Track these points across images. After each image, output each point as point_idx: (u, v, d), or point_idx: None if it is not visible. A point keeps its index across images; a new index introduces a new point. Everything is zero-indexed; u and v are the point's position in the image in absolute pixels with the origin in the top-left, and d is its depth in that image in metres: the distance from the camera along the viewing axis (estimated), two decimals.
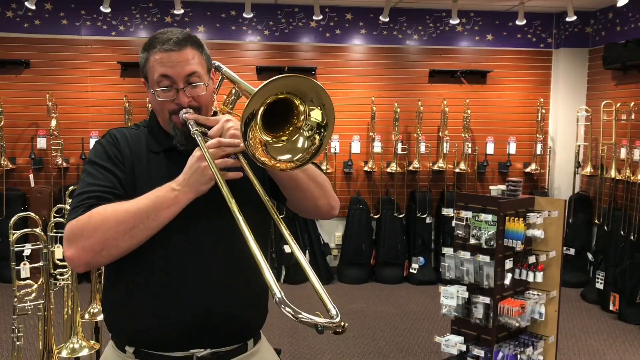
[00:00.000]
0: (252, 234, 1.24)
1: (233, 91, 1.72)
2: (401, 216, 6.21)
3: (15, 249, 2.87)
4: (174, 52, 1.49)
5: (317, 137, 1.34)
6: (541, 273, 3.07)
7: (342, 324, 1.16)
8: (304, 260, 1.27)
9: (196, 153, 1.45)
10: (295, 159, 1.35)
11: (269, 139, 1.34)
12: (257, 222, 1.44)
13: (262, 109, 1.28)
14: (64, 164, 5.89)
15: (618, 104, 5.64)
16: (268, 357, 1.69)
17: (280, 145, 1.35)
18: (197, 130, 1.47)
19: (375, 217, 6.25)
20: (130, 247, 1.43)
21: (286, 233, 1.34)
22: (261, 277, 1.52)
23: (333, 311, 1.17)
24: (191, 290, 1.50)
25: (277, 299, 1.13)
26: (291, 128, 1.36)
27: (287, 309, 1.12)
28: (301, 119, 1.34)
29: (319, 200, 1.60)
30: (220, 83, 1.77)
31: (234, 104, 1.74)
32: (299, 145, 1.35)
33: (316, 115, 1.33)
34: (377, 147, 6.24)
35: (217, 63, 1.72)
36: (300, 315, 1.12)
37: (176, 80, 1.50)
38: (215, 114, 1.66)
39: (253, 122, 1.28)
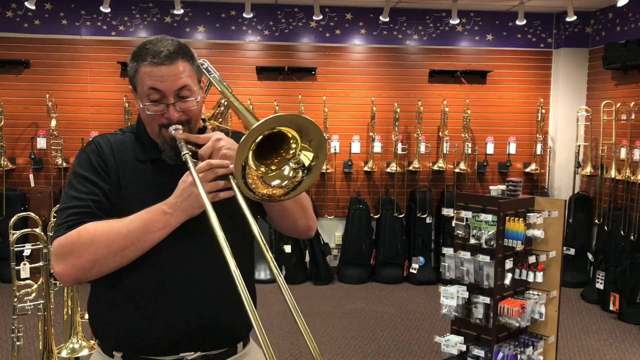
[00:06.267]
0: (238, 259, 1.23)
1: (223, 101, 1.69)
2: (401, 216, 6.21)
3: (15, 249, 2.87)
4: (165, 66, 1.45)
5: (300, 173, 1.37)
6: (541, 273, 3.07)
7: None
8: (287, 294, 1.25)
9: (188, 178, 1.43)
10: (283, 184, 1.37)
11: (264, 169, 1.36)
12: (243, 242, 1.45)
13: (259, 139, 1.28)
14: (64, 164, 5.89)
15: (618, 104, 5.64)
16: (258, 359, 1.69)
17: (273, 174, 1.38)
18: (187, 153, 1.44)
19: (375, 217, 6.25)
20: (120, 265, 1.44)
21: (269, 257, 1.32)
22: (250, 284, 1.49)
23: None
24: (180, 296, 1.49)
25: None
26: (279, 158, 1.38)
27: None
28: (290, 152, 1.37)
29: (299, 221, 1.62)
30: (209, 88, 1.71)
31: (223, 117, 1.71)
32: (286, 173, 1.38)
33: (307, 155, 1.36)
34: (377, 147, 6.24)
35: (206, 64, 1.68)
36: None
37: (166, 95, 1.47)
38: (204, 128, 1.63)
39: (249, 156, 1.29)
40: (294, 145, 1.35)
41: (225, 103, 1.69)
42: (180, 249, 1.49)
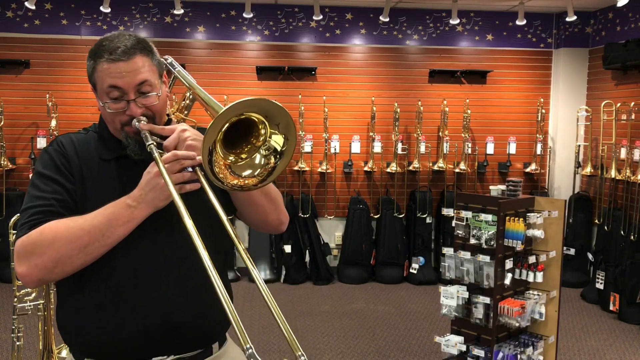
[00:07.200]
0: (209, 253, 1.20)
1: (188, 94, 1.66)
2: (401, 216, 6.21)
3: None
4: (123, 61, 1.42)
5: (273, 159, 1.35)
6: (541, 273, 3.07)
7: None
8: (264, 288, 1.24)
9: (153, 169, 1.40)
10: (256, 173, 1.35)
11: (233, 158, 1.34)
12: (214, 235, 1.43)
13: (225, 127, 1.26)
14: None
15: (618, 104, 5.64)
16: (236, 358, 1.65)
17: (242, 162, 1.35)
18: (152, 143, 1.40)
19: (375, 217, 6.25)
20: (85, 263, 1.39)
21: (242, 249, 1.31)
22: (223, 280, 1.48)
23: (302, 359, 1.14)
24: (148, 298, 1.45)
25: (247, 354, 1.08)
26: (249, 146, 1.36)
27: None
28: (260, 139, 1.34)
29: (269, 215, 1.59)
30: (173, 83, 1.69)
31: (189, 110, 1.68)
32: (257, 161, 1.35)
33: (277, 140, 1.33)
34: (377, 147, 6.24)
35: (169, 59, 1.65)
36: None
37: (127, 91, 1.44)
38: (169, 120, 1.61)
39: (217, 145, 1.27)
40: (263, 131, 1.33)
41: (191, 96, 1.66)
42: (148, 247, 1.45)
